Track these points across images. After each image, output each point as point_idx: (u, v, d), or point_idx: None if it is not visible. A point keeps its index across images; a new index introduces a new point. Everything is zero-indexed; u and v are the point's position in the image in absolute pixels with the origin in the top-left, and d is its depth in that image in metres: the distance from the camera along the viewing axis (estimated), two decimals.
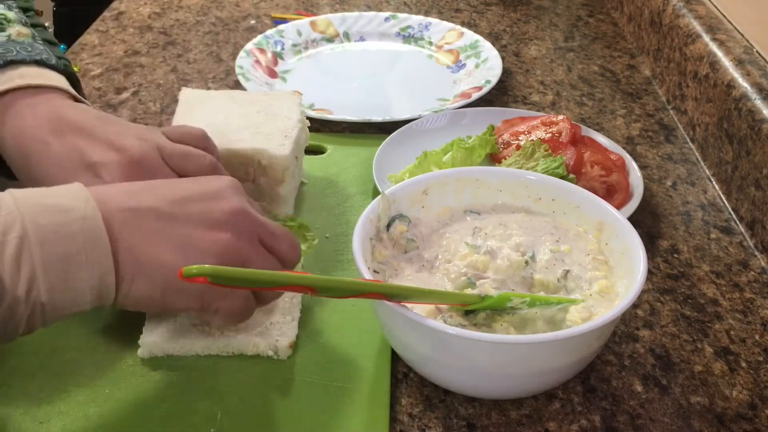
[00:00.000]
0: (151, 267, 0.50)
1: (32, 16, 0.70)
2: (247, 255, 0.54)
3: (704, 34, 0.92)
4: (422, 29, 1.16)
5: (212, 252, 0.52)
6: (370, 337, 0.61)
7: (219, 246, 0.52)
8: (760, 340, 0.64)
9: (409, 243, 0.62)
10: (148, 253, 0.50)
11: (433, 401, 0.57)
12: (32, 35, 0.67)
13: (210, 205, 0.54)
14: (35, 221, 0.47)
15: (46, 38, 0.68)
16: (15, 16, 0.67)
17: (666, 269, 0.72)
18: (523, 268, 0.59)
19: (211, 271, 0.42)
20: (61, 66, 0.66)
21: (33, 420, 0.54)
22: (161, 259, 0.50)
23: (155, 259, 0.50)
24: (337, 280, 0.53)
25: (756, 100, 0.77)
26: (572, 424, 0.56)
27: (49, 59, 0.64)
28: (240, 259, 0.53)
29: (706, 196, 0.82)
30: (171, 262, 0.50)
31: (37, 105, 0.61)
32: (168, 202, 0.52)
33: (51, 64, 0.64)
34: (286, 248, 0.57)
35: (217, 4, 1.28)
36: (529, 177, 0.66)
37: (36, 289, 0.46)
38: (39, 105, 0.61)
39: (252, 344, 0.60)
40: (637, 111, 0.99)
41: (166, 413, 0.55)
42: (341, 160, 0.85)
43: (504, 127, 0.87)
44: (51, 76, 0.64)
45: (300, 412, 0.56)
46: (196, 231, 0.52)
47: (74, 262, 0.47)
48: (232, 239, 0.53)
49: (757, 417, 0.57)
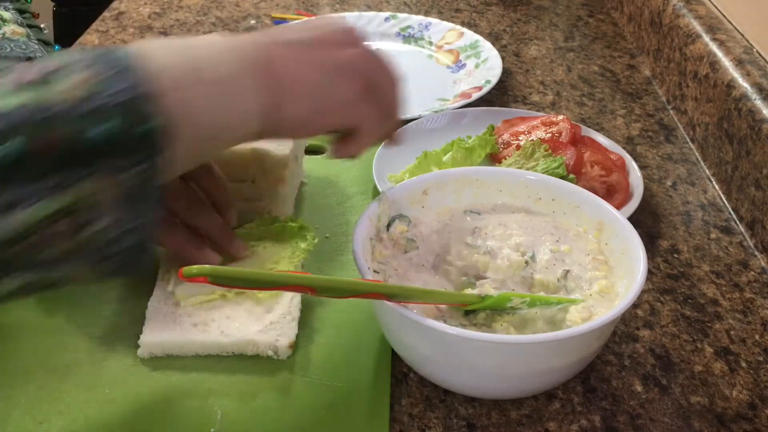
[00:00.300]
0: (299, 89, 0.52)
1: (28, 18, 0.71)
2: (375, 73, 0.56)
3: (704, 34, 0.92)
4: (422, 29, 1.16)
5: (348, 66, 0.54)
6: (370, 337, 0.61)
7: (355, 59, 0.55)
8: (760, 340, 0.64)
9: (409, 243, 0.62)
10: (296, 77, 0.52)
11: (433, 401, 0.57)
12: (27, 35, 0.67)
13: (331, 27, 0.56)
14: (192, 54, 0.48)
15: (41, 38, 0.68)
16: (11, 16, 0.68)
17: (666, 269, 0.72)
18: (523, 268, 0.59)
19: (211, 271, 0.43)
20: None
21: (33, 420, 0.54)
22: (307, 79, 0.52)
23: (302, 81, 0.52)
24: (337, 280, 0.54)
25: (756, 100, 0.77)
26: (572, 424, 0.56)
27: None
28: (370, 77, 0.56)
29: (706, 196, 0.82)
30: (316, 81, 0.53)
31: None
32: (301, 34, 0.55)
33: None
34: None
35: (217, 4, 1.28)
36: (529, 177, 0.66)
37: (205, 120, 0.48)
38: None
39: (252, 344, 0.60)
40: (637, 111, 0.99)
41: (166, 413, 0.55)
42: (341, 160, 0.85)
43: (504, 127, 0.87)
44: None
45: (300, 412, 0.56)
46: (332, 51, 0.54)
47: (235, 102, 0.49)
48: (363, 53, 0.56)
49: (757, 417, 0.57)
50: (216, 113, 0.48)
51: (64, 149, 0.41)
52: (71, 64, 0.43)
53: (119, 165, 0.42)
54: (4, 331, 0.61)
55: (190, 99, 0.46)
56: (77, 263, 0.44)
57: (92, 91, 0.41)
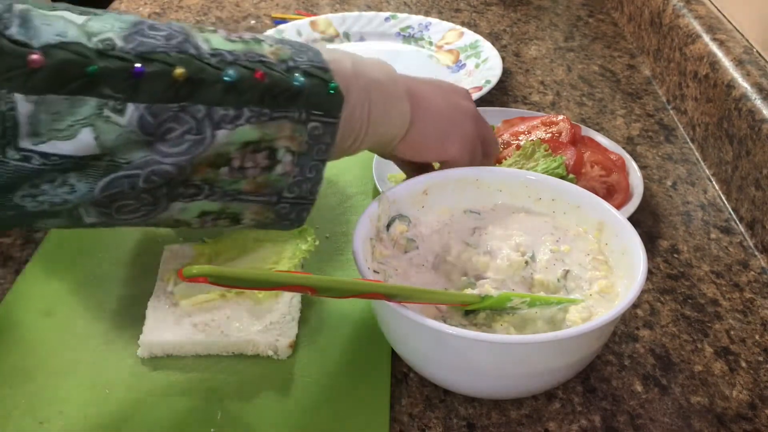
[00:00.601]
0: (432, 115, 0.61)
1: None
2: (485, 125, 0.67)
3: (704, 34, 0.92)
4: (422, 29, 1.16)
5: (466, 111, 0.64)
6: (370, 337, 0.61)
7: (473, 108, 0.65)
8: (760, 340, 0.64)
9: (409, 243, 0.62)
10: (431, 105, 0.61)
11: (433, 401, 0.57)
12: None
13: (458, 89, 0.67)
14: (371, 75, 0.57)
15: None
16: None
17: (666, 269, 0.72)
18: (523, 268, 0.59)
19: (211, 271, 0.43)
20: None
21: (33, 420, 0.54)
22: (439, 110, 0.62)
23: (435, 109, 0.62)
24: (337, 280, 0.54)
25: (756, 100, 0.77)
26: (572, 424, 0.56)
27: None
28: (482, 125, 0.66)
29: (706, 196, 0.82)
30: (445, 113, 0.62)
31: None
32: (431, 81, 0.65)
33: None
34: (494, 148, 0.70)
35: (217, 4, 1.28)
36: (529, 177, 0.66)
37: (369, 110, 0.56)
38: None
39: (252, 344, 0.60)
40: (637, 111, 0.99)
41: (166, 413, 0.55)
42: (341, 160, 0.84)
43: (504, 127, 0.87)
44: None
45: (300, 412, 0.56)
46: (456, 98, 0.65)
47: (391, 103, 0.58)
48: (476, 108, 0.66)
49: (757, 417, 0.57)
50: (383, 109, 0.57)
51: (270, 85, 0.48)
52: (266, 38, 0.51)
53: (306, 117, 0.50)
54: (4, 331, 0.61)
55: (362, 87, 0.55)
56: (259, 201, 0.51)
57: (293, 56, 0.50)
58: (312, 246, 0.66)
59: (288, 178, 0.51)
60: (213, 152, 0.47)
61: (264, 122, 0.48)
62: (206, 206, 0.50)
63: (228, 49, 0.48)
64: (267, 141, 0.49)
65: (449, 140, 0.63)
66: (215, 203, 0.50)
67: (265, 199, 0.51)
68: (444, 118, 0.62)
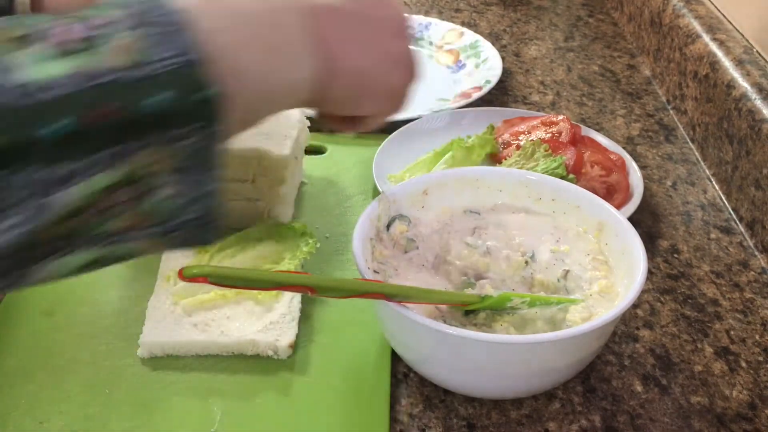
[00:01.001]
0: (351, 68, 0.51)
1: None
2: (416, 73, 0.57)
3: (704, 34, 0.92)
4: (422, 29, 1.16)
5: (396, 57, 0.54)
6: (370, 337, 0.61)
7: (402, 52, 0.54)
8: (760, 340, 0.64)
9: (409, 243, 0.62)
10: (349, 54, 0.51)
11: (433, 401, 0.57)
12: None
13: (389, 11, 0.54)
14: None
15: None
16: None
17: (666, 269, 0.72)
18: (523, 268, 0.59)
19: (211, 271, 0.42)
20: None
21: (33, 420, 0.54)
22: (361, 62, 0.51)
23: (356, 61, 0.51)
24: (337, 280, 0.54)
25: (756, 100, 0.77)
26: (572, 424, 0.56)
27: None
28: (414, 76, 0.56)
29: (706, 196, 0.82)
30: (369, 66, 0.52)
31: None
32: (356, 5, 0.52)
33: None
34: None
35: None
36: (529, 177, 0.66)
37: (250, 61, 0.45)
38: None
39: (252, 344, 0.60)
40: (637, 111, 0.99)
41: (166, 413, 0.55)
42: (341, 160, 0.85)
43: (504, 127, 0.87)
44: None
45: (300, 412, 0.56)
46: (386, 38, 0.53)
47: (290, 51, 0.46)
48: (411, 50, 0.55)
49: (757, 417, 0.57)
50: (271, 80, 0.46)
51: (118, 121, 0.38)
52: (115, 21, 0.39)
53: (176, 135, 0.39)
54: (4, 332, 0.61)
55: (245, 65, 0.44)
56: (143, 235, 0.41)
57: (141, 58, 0.38)
58: (313, 248, 0.66)
59: (177, 200, 0.40)
60: (65, 211, 0.38)
61: (125, 159, 0.38)
62: (82, 259, 0.40)
63: (59, 76, 0.36)
64: (135, 175, 0.39)
65: (371, 99, 0.54)
66: (93, 252, 0.41)
67: (152, 231, 0.42)
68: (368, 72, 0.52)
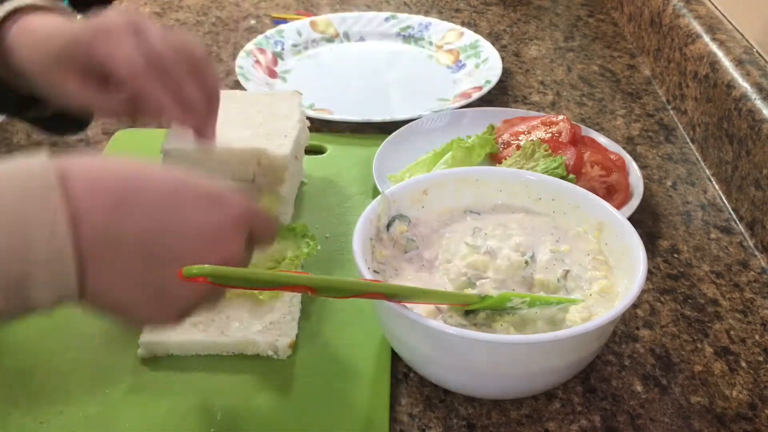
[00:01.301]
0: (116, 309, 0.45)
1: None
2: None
3: (704, 34, 0.92)
4: (422, 29, 1.16)
5: (183, 307, 0.47)
6: (370, 337, 0.61)
7: (191, 301, 0.47)
8: (760, 340, 0.64)
9: (409, 243, 0.62)
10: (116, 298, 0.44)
11: (433, 401, 0.57)
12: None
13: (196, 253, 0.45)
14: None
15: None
16: None
17: (666, 269, 0.72)
18: (523, 268, 0.59)
19: (211, 271, 0.42)
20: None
21: (33, 420, 0.54)
22: (127, 307, 0.45)
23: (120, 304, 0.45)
24: (337, 280, 0.54)
25: (756, 100, 0.77)
26: (572, 424, 0.56)
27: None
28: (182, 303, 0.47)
29: (706, 196, 0.82)
30: (137, 312, 0.46)
31: (46, 19, 0.61)
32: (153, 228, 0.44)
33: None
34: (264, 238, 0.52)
35: (217, 4, 1.28)
36: (529, 177, 0.66)
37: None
38: (47, 19, 0.61)
39: (252, 344, 0.60)
40: (637, 111, 0.99)
41: (166, 413, 0.55)
42: (341, 160, 0.85)
43: (504, 127, 0.87)
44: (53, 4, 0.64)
45: (300, 412, 0.56)
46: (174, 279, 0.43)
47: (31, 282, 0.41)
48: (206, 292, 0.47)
49: (757, 417, 0.57)
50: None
51: None
52: None
53: None
54: (5, 331, 0.61)
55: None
56: None
57: None
58: (314, 249, 0.66)
59: None
60: None
61: None
62: None
63: None
64: None
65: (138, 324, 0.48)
66: None
67: None
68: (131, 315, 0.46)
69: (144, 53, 0.58)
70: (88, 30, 0.58)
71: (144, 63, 0.57)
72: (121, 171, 0.45)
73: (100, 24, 0.59)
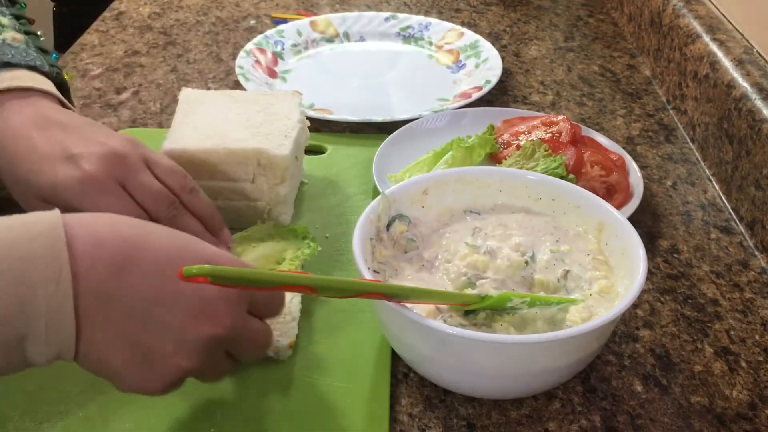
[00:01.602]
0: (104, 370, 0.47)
1: (25, 24, 0.71)
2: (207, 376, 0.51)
3: (704, 34, 0.92)
4: (422, 29, 1.16)
5: (171, 376, 0.47)
6: (370, 337, 0.61)
7: (180, 372, 0.47)
8: (760, 340, 0.64)
9: (409, 243, 0.62)
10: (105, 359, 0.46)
11: (433, 401, 0.57)
12: (26, 41, 0.67)
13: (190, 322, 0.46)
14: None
15: (38, 46, 0.69)
16: (9, 21, 0.68)
17: (666, 269, 0.72)
18: (523, 268, 0.59)
19: (211, 271, 0.42)
20: (53, 73, 0.67)
21: (33, 420, 0.54)
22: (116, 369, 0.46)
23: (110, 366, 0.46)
24: (337, 280, 0.54)
25: (756, 100, 0.77)
26: (572, 424, 0.56)
27: (42, 66, 0.66)
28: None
29: (706, 196, 0.82)
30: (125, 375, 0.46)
31: (25, 106, 0.61)
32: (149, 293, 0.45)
33: (44, 71, 0.65)
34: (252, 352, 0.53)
35: (217, 4, 1.27)
36: (529, 177, 0.66)
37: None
38: (26, 106, 0.61)
39: None
40: (637, 111, 0.99)
41: (166, 413, 0.55)
42: (341, 160, 0.85)
43: (504, 127, 0.87)
44: (42, 81, 0.65)
45: (300, 412, 0.56)
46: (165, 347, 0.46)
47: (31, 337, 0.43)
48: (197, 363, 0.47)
49: (757, 417, 0.57)
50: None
51: None
52: None
53: None
54: None
55: None
56: None
57: None
58: (315, 250, 0.66)
59: None
60: None
61: None
62: None
63: None
64: None
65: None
66: None
67: None
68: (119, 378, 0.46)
69: (133, 210, 0.57)
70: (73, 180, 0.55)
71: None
72: (124, 232, 0.46)
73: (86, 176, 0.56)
